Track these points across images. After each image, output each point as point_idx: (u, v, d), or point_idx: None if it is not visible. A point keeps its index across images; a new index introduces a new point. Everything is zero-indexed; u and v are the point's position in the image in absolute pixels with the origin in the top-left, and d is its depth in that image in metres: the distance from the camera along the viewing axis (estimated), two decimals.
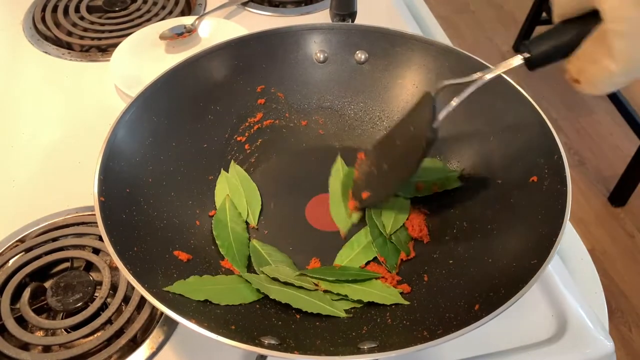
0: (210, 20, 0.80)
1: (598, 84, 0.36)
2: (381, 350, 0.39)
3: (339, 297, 0.47)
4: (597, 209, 1.56)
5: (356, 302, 0.46)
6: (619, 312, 1.35)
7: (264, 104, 0.61)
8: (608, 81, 0.35)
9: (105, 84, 0.73)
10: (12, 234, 0.55)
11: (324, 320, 0.45)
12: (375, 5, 0.84)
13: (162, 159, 0.53)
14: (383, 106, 0.62)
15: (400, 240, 0.51)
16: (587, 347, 0.47)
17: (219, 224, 0.52)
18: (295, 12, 0.84)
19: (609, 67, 0.34)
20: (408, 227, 0.53)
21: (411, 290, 0.47)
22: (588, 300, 0.52)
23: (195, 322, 0.37)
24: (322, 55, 0.62)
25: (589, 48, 0.36)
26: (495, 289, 0.42)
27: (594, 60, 0.36)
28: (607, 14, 0.33)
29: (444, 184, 0.54)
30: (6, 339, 0.46)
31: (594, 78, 0.36)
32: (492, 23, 2.20)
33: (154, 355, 0.47)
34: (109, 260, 0.52)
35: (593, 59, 0.36)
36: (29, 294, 0.49)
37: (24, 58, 0.77)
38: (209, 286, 0.46)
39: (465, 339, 0.37)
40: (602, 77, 0.35)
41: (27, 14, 0.84)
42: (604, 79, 0.35)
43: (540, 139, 0.49)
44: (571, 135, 1.72)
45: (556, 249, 0.40)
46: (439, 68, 0.58)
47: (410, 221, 0.53)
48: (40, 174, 0.62)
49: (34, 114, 0.69)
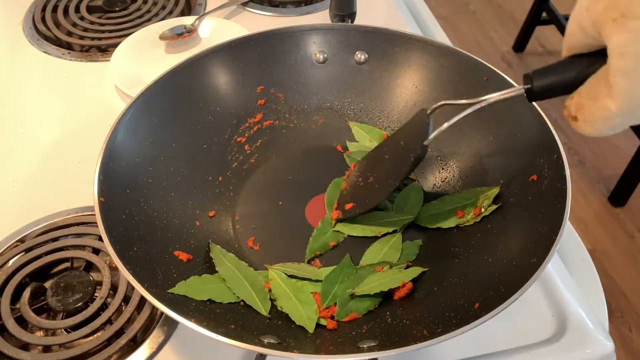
0: (210, 20, 0.80)
1: (595, 123, 0.35)
2: (381, 349, 0.39)
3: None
4: (597, 209, 1.57)
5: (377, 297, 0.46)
6: (619, 312, 1.35)
7: (263, 104, 0.61)
8: (606, 121, 0.34)
9: (105, 84, 0.73)
10: (12, 234, 0.55)
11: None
12: (375, 6, 0.84)
13: (162, 159, 0.53)
14: (383, 106, 0.62)
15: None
16: (587, 347, 0.47)
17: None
18: (295, 13, 0.84)
19: (608, 105, 0.33)
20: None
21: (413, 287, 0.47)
22: (588, 300, 0.52)
23: (195, 322, 0.37)
24: (321, 55, 0.62)
25: (591, 85, 0.35)
26: (495, 287, 0.42)
27: (594, 98, 0.34)
28: (613, 49, 0.32)
29: (484, 206, 0.51)
30: (6, 339, 0.46)
31: (592, 116, 0.35)
32: (492, 23, 2.20)
33: (154, 355, 0.47)
34: (109, 260, 0.52)
35: (593, 96, 0.34)
36: (29, 294, 0.49)
37: (24, 58, 0.77)
38: (210, 285, 0.46)
39: (465, 338, 0.37)
40: (600, 116, 0.34)
41: (27, 14, 0.84)
42: (602, 118, 0.34)
43: (540, 139, 0.49)
44: (571, 135, 1.72)
45: (556, 248, 0.41)
46: (439, 68, 0.59)
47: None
48: (40, 174, 0.62)
49: (34, 114, 0.69)
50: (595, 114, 0.34)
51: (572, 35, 0.36)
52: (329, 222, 0.53)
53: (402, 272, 0.48)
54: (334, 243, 0.52)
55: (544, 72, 0.39)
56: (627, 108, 0.32)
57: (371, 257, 0.51)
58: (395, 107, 0.61)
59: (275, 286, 0.47)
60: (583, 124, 0.36)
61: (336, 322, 0.45)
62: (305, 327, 0.44)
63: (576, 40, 0.36)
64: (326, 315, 0.46)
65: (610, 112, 0.33)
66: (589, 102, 0.35)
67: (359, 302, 0.46)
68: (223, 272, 0.48)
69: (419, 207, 0.54)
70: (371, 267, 0.49)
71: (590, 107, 0.35)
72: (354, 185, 0.54)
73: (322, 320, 0.45)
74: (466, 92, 0.56)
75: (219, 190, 0.56)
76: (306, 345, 0.42)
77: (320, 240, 0.52)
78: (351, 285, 0.47)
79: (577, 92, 0.37)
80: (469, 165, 0.56)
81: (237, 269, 0.48)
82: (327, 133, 0.62)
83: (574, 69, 0.37)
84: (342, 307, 0.46)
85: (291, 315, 0.45)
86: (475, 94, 0.56)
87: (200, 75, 0.58)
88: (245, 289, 0.47)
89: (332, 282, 0.48)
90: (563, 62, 0.38)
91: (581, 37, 0.35)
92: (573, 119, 0.37)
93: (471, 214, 0.51)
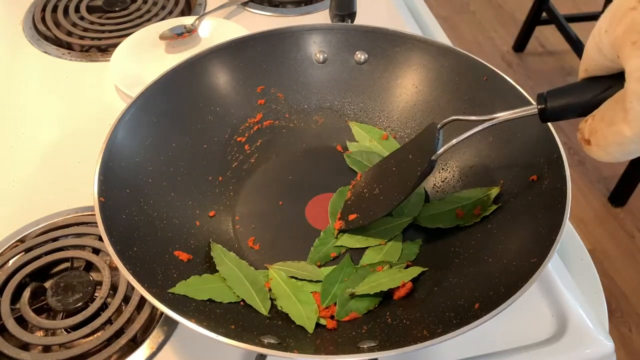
0: (210, 20, 0.80)
1: (609, 147, 0.34)
2: (381, 349, 0.39)
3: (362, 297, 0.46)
4: (597, 209, 1.57)
5: (377, 297, 0.46)
6: (619, 312, 1.35)
7: (263, 104, 0.61)
8: (620, 147, 0.33)
9: (105, 84, 0.73)
10: (12, 234, 0.55)
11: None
12: (375, 6, 0.84)
13: (162, 159, 0.53)
14: (383, 106, 0.62)
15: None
16: (587, 347, 0.47)
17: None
18: (295, 12, 0.84)
19: (623, 131, 0.32)
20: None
21: (412, 287, 0.47)
22: (588, 300, 0.52)
23: (195, 322, 0.37)
24: (321, 55, 0.62)
25: (606, 109, 0.34)
26: (495, 287, 0.42)
27: (609, 123, 0.33)
28: (631, 73, 0.31)
29: (484, 206, 0.51)
30: (6, 339, 0.46)
31: (606, 141, 0.34)
32: (492, 23, 2.20)
33: (154, 355, 0.47)
34: (109, 260, 0.52)
35: (608, 120, 0.33)
36: (29, 294, 0.49)
37: (24, 58, 0.77)
38: (210, 285, 0.46)
39: (465, 338, 0.37)
40: (614, 141, 0.33)
41: (27, 14, 0.84)
42: (616, 143, 0.33)
43: (540, 139, 0.49)
44: (571, 135, 1.72)
45: (556, 248, 0.40)
46: (439, 68, 0.59)
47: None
48: (40, 174, 0.62)
49: (34, 114, 0.69)
50: (609, 138, 0.33)
51: (589, 57, 0.35)
52: (331, 232, 0.53)
53: (402, 272, 0.48)
54: (335, 254, 0.51)
55: (559, 93, 0.39)
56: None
57: (371, 257, 0.50)
58: (395, 107, 0.61)
59: (275, 286, 0.47)
60: (596, 148, 0.35)
61: (336, 322, 0.45)
62: (305, 326, 0.44)
63: (593, 62, 0.35)
64: (326, 315, 0.46)
65: (625, 138, 0.32)
66: (603, 127, 0.34)
67: (359, 302, 0.46)
68: (224, 271, 0.48)
69: (419, 209, 0.54)
70: (371, 266, 0.49)
71: (604, 131, 0.34)
72: (358, 195, 0.54)
73: (322, 319, 0.45)
74: (466, 92, 0.57)
75: (219, 190, 0.56)
76: (306, 345, 0.42)
77: (321, 251, 0.51)
78: (351, 284, 0.47)
79: (592, 115, 0.36)
80: (469, 165, 0.56)
81: (237, 268, 0.48)
82: (327, 133, 0.62)
83: (590, 92, 0.36)
84: (342, 306, 0.46)
85: (291, 315, 0.45)
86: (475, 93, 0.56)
87: (200, 75, 0.58)
88: (246, 288, 0.47)
89: (332, 281, 0.48)
90: (579, 83, 0.37)
91: (599, 59, 0.34)
92: (586, 143, 0.36)
93: (471, 214, 0.51)
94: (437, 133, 0.48)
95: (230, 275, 0.47)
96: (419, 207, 0.54)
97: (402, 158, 0.52)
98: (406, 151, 0.52)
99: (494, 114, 0.44)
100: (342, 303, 0.46)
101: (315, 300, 0.46)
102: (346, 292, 0.47)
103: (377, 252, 0.51)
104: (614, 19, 0.32)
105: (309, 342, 0.43)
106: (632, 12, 0.30)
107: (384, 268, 0.48)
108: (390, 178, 0.52)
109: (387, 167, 0.53)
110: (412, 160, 0.50)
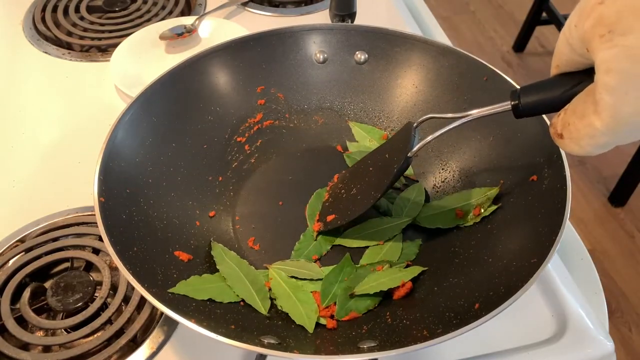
0: (210, 21, 0.80)
1: (581, 140, 0.34)
2: (381, 349, 0.39)
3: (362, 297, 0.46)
4: (597, 209, 1.57)
5: (377, 297, 0.46)
6: (619, 312, 1.35)
7: (263, 104, 0.61)
8: (591, 139, 0.33)
9: (105, 84, 0.73)
10: (12, 234, 0.55)
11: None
12: (375, 6, 0.84)
13: (162, 159, 0.53)
14: (383, 106, 0.62)
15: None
16: (587, 347, 0.47)
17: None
18: (295, 13, 0.84)
19: (593, 123, 0.33)
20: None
21: (412, 287, 0.47)
22: (588, 300, 0.52)
23: (195, 322, 0.38)
24: (321, 55, 0.62)
25: (578, 103, 0.35)
26: (495, 288, 0.42)
27: (580, 116, 0.34)
28: (599, 65, 0.31)
29: (484, 206, 0.51)
30: (6, 339, 0.46)
31: (578, 134, 0.34)
32: (492, 23, 2.20)
33: (154, 355, 0.47)
34: (109, 260, 0.52)
35: (580, 113, 0.34)
36: (29, 294, 0.49)
37: (24, 58, 0.77)
38: (210, 285, 0.46)
39: (465, 338, 0.37)
40: (585, 133, 0.34)
41: (27, 14, 0.84)
42: (587, 136, 0.33)
43: (540, 139, 0.49)
44: None
45: (556, 248, 0.41)
46: (439, 68, 0.59)
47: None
48: (40, 174, 0.62)
49: (34, 114, 0.69)
50: (581, 131, 0.34)
51: (560, 53, 0.36)
52: (310, 235, 0.52)
53: (401, 272, 0.48)
54: (317, 257, 0.51)
55: (532, 90, 0.39)
56: (612, 126, 0.32)
57: (371, 257, 0.50)
58: (395, 107, 0.61)
59: (275, 285, 0.47)
60: (569, 141, 0.35)
61: (336, 322, 0.45)
62: (304, 326, 0.44)
63: (564, 58, 0.36)
64: (326, 314, 0.46)
65: (595, 130, 0.33)
66: (575, 120, 0.34)
67: (359, 302, 0.46)
68: (224, 270, 0.48)
69: (419, 209, 0.54)
70: (371, 266, 0.49)
71: (576, 124, 0.34)
72: (336, 196, 0.54)
73: (321, 319, 0.45)
74: (466, 92, 0.57)
75: (219, 190, 0.56)
76: (306, 345, 0.42)
77: (302, 255, 0.51)
78: (351, 284, 0.47)
79: (564, 109, 0.36)
80: (469, 165, 0.56)
81: (238, 267, 0.48)
82: (327, 133, 0.62)
83: (561, 87, 0.37)
84: (342, 306, 0.46)
85: (291, 315, 0.45)
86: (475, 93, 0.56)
87: (200, 75, 0.58)
88: (246, 288, 0.47)
89: (332, 281, 0.48)
90: (551, 79, 0.38)
91: (569, 55, 0.35)
92: (559, 137, 0.36)
93: (471, 214, 0.51)
94: (413, 131, 0.48)
95: (230, 275, 0.47)
96: (419, 206, 0.54)
97: (379, 158, 0.52)
98: (383, 151, 0.52)
99: (469, 112, 0.44)
100: (342, 302, 0.46)
101: (315, 299, 0.47)
102: (346, 292, 0.47)
103: (377, 251, 0.51)
104: (582, 13, 0.32)
105: (309, 342, 0.43)
106: (599, 6, 0.31)
107: (383, 268, 0.48)
108: (367, 177, 0.52)
109: (364, 167, 0.54)
110: (389, 159, 0.50)
